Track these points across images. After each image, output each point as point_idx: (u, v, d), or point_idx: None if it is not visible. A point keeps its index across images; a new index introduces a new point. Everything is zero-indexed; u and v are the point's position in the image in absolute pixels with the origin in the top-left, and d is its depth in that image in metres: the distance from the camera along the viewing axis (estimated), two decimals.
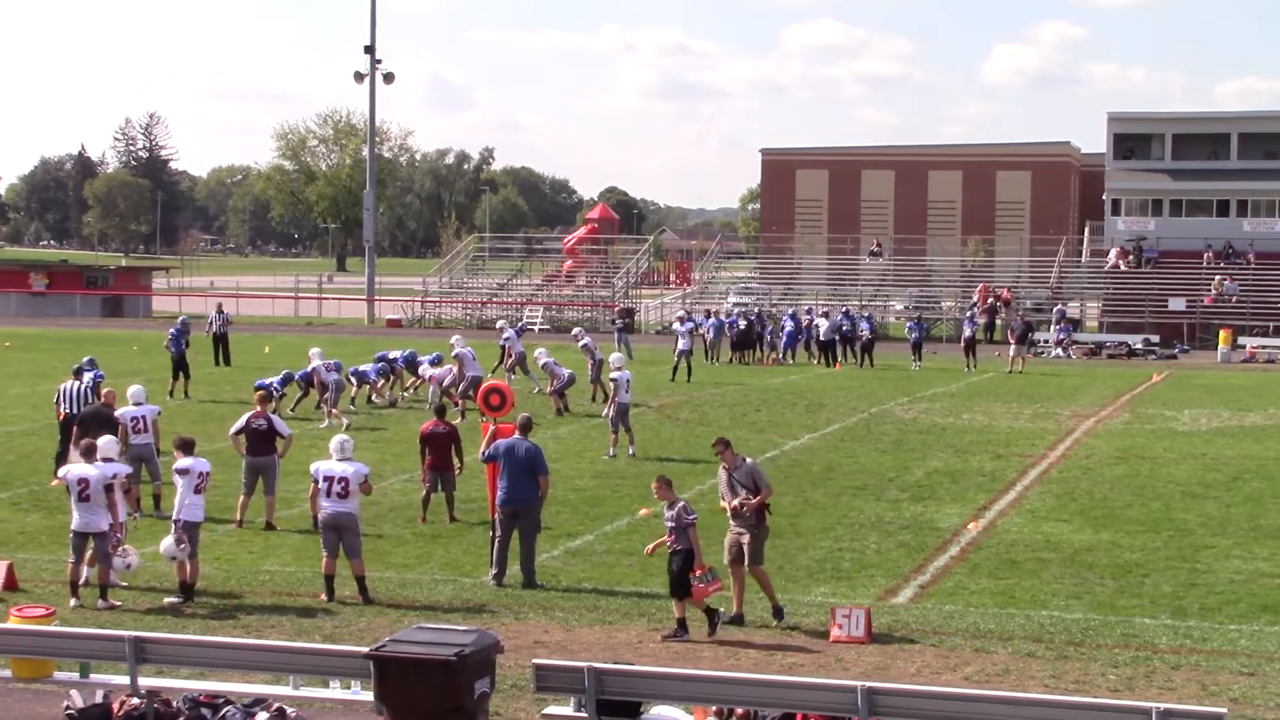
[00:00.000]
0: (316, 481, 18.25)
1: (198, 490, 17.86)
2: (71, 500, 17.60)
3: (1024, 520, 24.12)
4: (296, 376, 36.80)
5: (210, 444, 30.09)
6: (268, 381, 35.33)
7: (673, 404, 40.99)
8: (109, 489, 17.57)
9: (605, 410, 31.76)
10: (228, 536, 21.77)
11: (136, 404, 23.71)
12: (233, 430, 22.77)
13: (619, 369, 31.09)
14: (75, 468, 17.69)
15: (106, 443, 18.53)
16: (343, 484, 18.04)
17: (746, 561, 17.06)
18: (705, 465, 28.88)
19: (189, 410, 37.37)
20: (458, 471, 23.07)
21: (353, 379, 38.95)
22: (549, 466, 19.27)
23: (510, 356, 43.86)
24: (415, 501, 23.71)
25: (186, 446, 18.47)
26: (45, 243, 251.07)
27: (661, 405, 40.52)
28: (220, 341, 51.15)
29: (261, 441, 22.44)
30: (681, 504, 16.76)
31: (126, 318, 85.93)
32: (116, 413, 23.50)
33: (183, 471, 18.10)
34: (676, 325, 53.91)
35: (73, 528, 17.60)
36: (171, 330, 42.68)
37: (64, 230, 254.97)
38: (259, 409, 22.59)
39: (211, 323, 51.75)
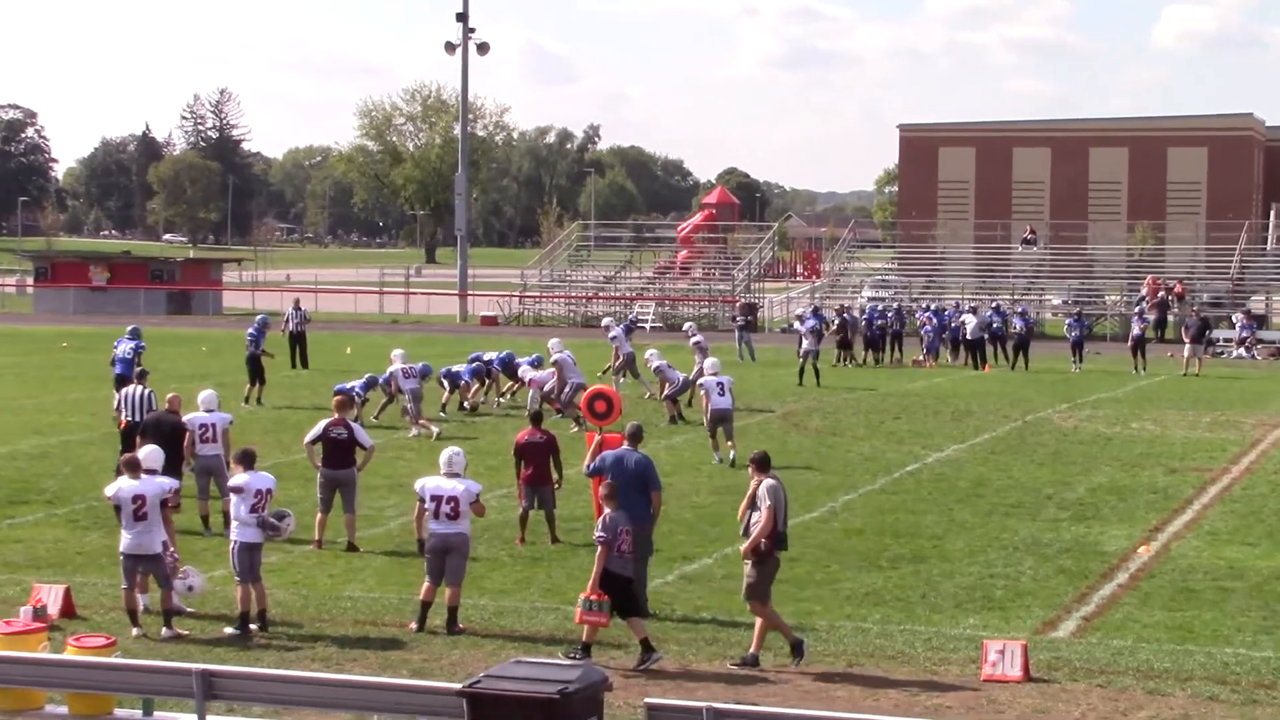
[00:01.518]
0: (423, 501, 18.17)
1: (254, 510, 17.81)
2: (122, 520, 17.63)
3: (1203, 543, 23.71)
4: (380, 380, 36.98)
5: (285, 455, 30.30)
6: (349, 385, 35.52)
7: (801, 411, 40.83)
8: (164, 504, 17.67)
9: (705, 417, 31.83)
10: (305, 559, 21.79)
11: (207, 410, 23.84)
12: (308, 438, 22.80)
13: (713, 373, 31.10)
14: (127, 483, 17.57)
15: (150, 453, 18.59)
16: (452, 504, 17.98)
17: (742, 596, 16.89)
18: (837, 479, 28.77)
19: (262, 417, 37.70)
20: (557, 486, 22.94)
21: (444, 382, 39.08)
22: (661, 481, 19.08)
23: (618, 358, 43.78)
24: (512, 520, 23.65)
25: (247, 459, 18.36)
26: (106, 232, 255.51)
27: (788, 412, 40.41)
28: (297, 341, 51.63)
29: (340, 453, 22.40)
30: (602, 516, 16.78)
31: (195, 315, 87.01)
32: (184, 419, 23.62)
33: (236, 490, 18.09)
34: (798, 325, 53.54)
35: (122, 550, 17.61)
36: (250, 330, 43.00)
37: (126, 219, 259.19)
38: (338, 416, 22.57)
39: (288, 320, 52.20)
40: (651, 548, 19.04)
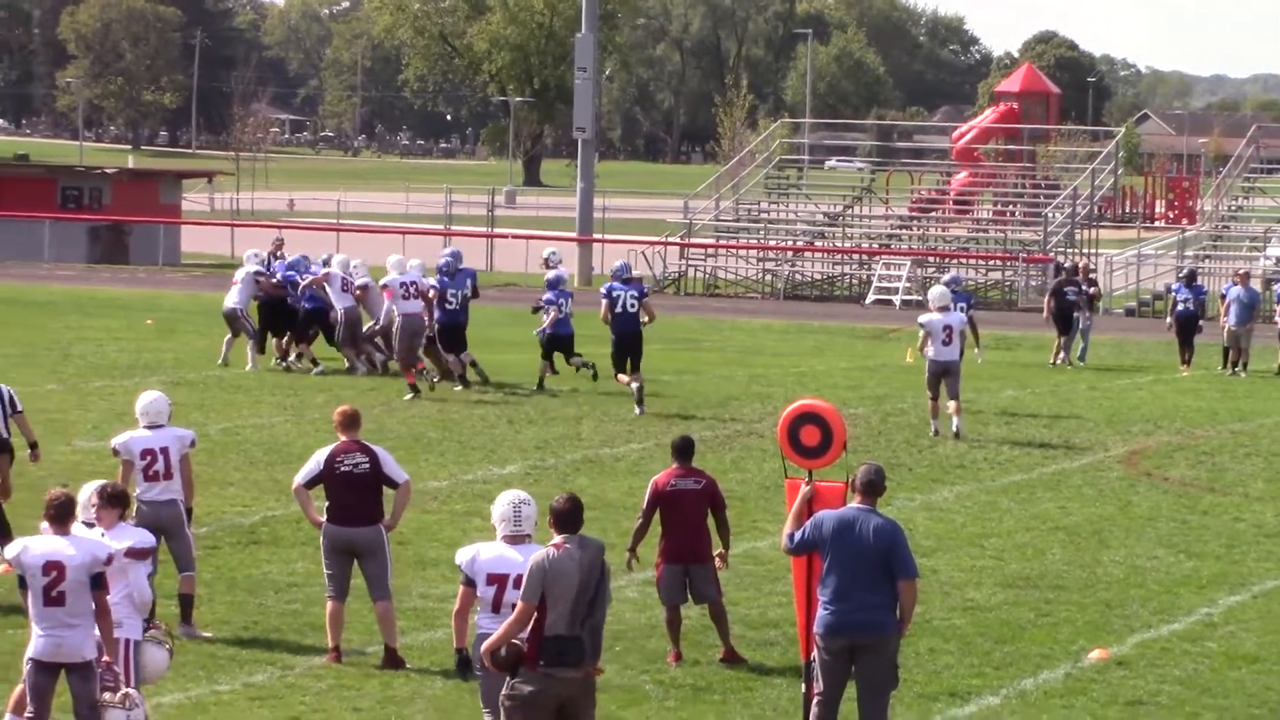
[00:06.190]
0: (471, 584, 13.60)
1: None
2: (29, 603, 13.66)
3: None
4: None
5: (283, 505, 23.03)
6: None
7: (1156, 450, 32.17)
8: (98, 582, 13.48)
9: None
10: (313, 678, 16.20)
11: (151, 427, 18.07)
12: (300, 478, 17.51)
13: (940, 307, 27.86)
14: (38, 542, 13.74)
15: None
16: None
17: None
18: (1215, 568, 22.13)
19: (246, 438, 28.20)
20: (721, 564, 17.24)
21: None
22: (918, 562, 14.38)
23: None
24: (656, 623, 17.84)
25: (113, 500, 14.24)
26: None
27: (1135, 451, 31.89)
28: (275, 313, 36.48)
29: (357, 499, 17.08)
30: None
31: (134, 265, 69.72)
32: (114, 442, 17.99)
33: (140, 553, 14.13)
34: (1176, 288, 43.16)
35: (30, 654, 13.74)
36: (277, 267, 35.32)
37: (24, 101, 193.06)
38: (347, 438, 17.37)
39: (269, 271, 37.58)
40: (897, 675, 14.40)
